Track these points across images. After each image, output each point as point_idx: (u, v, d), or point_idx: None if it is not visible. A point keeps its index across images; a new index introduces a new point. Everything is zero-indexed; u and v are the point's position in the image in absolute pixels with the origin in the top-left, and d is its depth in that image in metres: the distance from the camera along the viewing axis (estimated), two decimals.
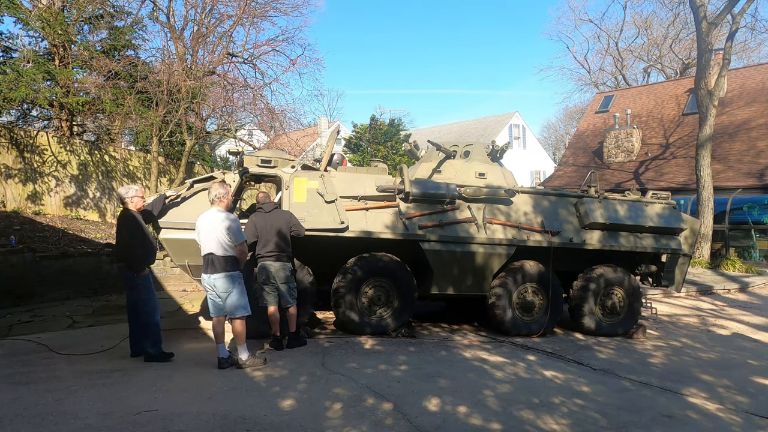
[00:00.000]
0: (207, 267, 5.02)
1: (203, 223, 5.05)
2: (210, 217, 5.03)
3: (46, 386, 4.49)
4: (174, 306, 8.31)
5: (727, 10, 14.59)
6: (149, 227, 5.75)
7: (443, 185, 6.79)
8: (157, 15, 14.68)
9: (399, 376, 5.03)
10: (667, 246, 7.45)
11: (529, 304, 7.06)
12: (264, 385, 4.63)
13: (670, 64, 33.13)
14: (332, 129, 10.96)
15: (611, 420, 4.18)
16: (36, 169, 11.93)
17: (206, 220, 5.04)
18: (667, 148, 21.13)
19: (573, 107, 47.79)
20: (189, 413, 3.95)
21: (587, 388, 4.95)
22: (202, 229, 5.05)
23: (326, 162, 6.91)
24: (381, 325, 6.60)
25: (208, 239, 4.98)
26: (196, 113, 13.80)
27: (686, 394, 4.93)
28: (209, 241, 4.98)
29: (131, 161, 14.55)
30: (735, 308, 9.87)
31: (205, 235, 5.02)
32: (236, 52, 15.08)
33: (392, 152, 21.94)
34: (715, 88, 14.98)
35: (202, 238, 5.06)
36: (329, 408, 4.14)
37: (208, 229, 4.99)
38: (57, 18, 12.16)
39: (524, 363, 5.70)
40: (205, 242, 5.01)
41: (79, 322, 7.14)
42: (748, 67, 22.89)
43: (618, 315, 7.39)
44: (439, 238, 6.57)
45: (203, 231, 5.04)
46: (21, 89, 10.85)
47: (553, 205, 7.25)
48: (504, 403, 4.42)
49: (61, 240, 10.04)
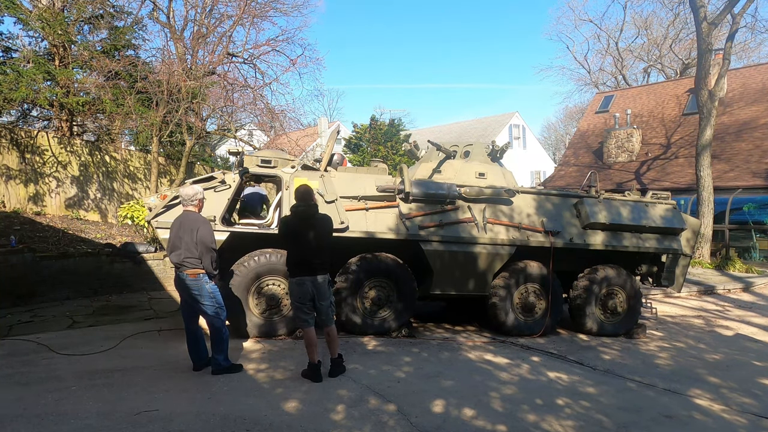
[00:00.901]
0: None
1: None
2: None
3: (46, 386, 4.47)
4: (174, 306, 8.28)
5: (727, 10, 14.59)
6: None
7: (443, 185, 6.77)
8: (157, 15, 14.68)
9: (402, 377, 5.01)
10: (669, 246, 7.43)
11: (530, 305, 7.05)
12: (265, 385, 4.62)
13: (670, 64, 33.15)
14: (332, 129, 10.95)
15: (615, 422, 4.16)
16: (37, 170, 11.92)
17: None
18: (668, 148, 21.11)
19: (573, 107, 47.89)
20: (189, 413, 3.93)
21: (592, 389, 4.94)
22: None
23: (326, 162, 6.89)
24: (383, 326, 6.58)
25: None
26: (196, 113, 13.79)
27: (691, 396, 4.91)
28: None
29: (132, 162, 14.54)
30: (739, 309, 9.85)
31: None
32: (236, 52, 15.07)
33: (392, 152, 21.93)
34: (716, 88, 14.98)
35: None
36: (331, 409, 4.12)
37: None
38: (57, 18, 12.16)
39: (528, 364, 5.68)
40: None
41: (79, 322, 7.12)
42: (749, 67, 22.88)
43: (619, 315, 7.38)
44: (439, 239, 6.55)
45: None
46: (21, 89, 10.84)
47: (554, 206, 7.23)
48: (508, 404, 4.41)
49: (61, 240, 10.02)
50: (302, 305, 4.81)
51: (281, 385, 4.62)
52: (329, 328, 4.91)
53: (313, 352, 4.79)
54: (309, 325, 4.84)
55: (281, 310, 6.27)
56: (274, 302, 6.21)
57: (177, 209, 6.08)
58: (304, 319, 4.85)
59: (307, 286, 4.75)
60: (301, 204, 4.84)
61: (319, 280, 4.77)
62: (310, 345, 4.79)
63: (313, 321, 4.88)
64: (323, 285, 4.80)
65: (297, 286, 4.78)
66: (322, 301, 4.81)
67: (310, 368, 4.79)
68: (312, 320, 4.87)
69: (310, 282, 4.75)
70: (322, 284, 4.79)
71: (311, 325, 4.85)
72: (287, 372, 4.97)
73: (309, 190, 4.93)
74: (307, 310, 4.82)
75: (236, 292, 6.07)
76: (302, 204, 4.84)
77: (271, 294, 6.20)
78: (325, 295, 4.83)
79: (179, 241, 4.71)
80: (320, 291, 4.79)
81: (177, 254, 4.71)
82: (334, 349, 4.95)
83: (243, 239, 6.29)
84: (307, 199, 4.86)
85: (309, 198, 4.88)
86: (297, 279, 4.78)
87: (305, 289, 4.76)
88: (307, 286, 4.75)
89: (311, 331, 4.82)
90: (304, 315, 4.84)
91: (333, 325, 4.94)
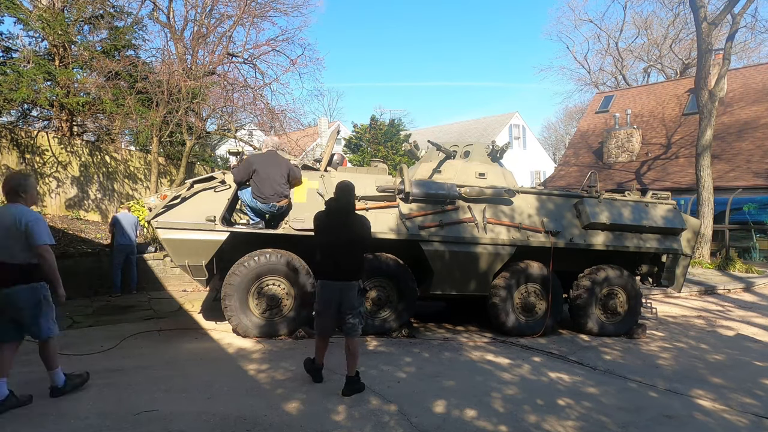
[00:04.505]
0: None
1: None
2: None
3: (46, 386, 4.46)
4: (174, 306, 8.28)
5: (727, 10, 14.58)
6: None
7: (444, 185, 6.77)
8: (157, 15, 14.67)
9: (403, 377, 5.00)
10: (669, 247, 7.42)
11: (530, 305, 7.04)
12: (265, 385, 4.60)
13: (670, 64, 33.15)
14: (332, 129, 10.94)
15: (617, 422, 4.15)
16: (37, 170, 11.91)
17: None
18: (669, 147, 21.11)
19: (573, 107, 47.90)
20: (189, 413, 3.92)
21: (593, 389, 4.93)
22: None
23: (326, 162, 6.89)
24: (384, 327, 6.58)
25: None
26: (196, 113, 13.78)
27: (693, 396, 4.90)
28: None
29: (132, 162, 14.54)
30: (740, 309, 9.84)
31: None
32: (236, 52, 15.06)
33: (392, 152, 21.92)
34: (716, 88, 14.97)
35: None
36: (331, 409, 4.11)
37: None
38: (57, 18, 12.16)
39: (529, 364, 5.67)
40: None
41: (79, 322, 7.11)
42: (749, 67, 22.89)
43: (619, 315, 7.37)
44: (439, 239, 6.55)
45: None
46: (21, 90, 10.83)
47: (554, 206, 7.23)
48: (509, 404, 4.40)
49: (61, 240, 10.00)
50: (325, 310, 4.38)
51: (282, 385, 4.61)
52: (351, 341, 4.37)
53: (321, 354, 4.51)
54: (325, 335, 4.46)
55: (281, 310, 6.26)
56: (274, 302, 6.20)
57: (178, 209, 6.08)
58: (323, 327, 4.44)
59: (334, 291, 4.32)
60: (340, 200, 4.39)
61: (348, 287, 4.31)
62: (318, 350, 4.49)
63: (331, 331, 4.46)
64: (352, 292, 4.34)
65: (323, 290, 4.37)
66: (348, 310, 4.35)
67: (314, 365, 4.54)
68: (331, 330, 4.45)
69: (337, 288, 4.31)
70: (350, 291, 4.33)
71: (328, 334, 4.45)
72: (288, 372, 4.95)
73: (350, 186, 4.45)
74: (329, 319, 4.39)
75: (236, 292, 6.06)
76: (340, 201, 4.39)
77: (272, 294, 6.19)
78: (353, 303, 4.35)
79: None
80: (347, 298, 4.33)
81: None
82: (352, 366, 4.39)
83: (243, 239, 6.29)
84: (346, 196, 4.39)
85: (348, 194, 4.41)
86: (322, 282, 4.38)
87: (330, 294, 4.33)
88: (333, 291, 4.32)
89: (324, 340, 4.46)
90: (324, 322, 4.41)
91: (356, 338, 4.40)
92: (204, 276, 6.25)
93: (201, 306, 8.17)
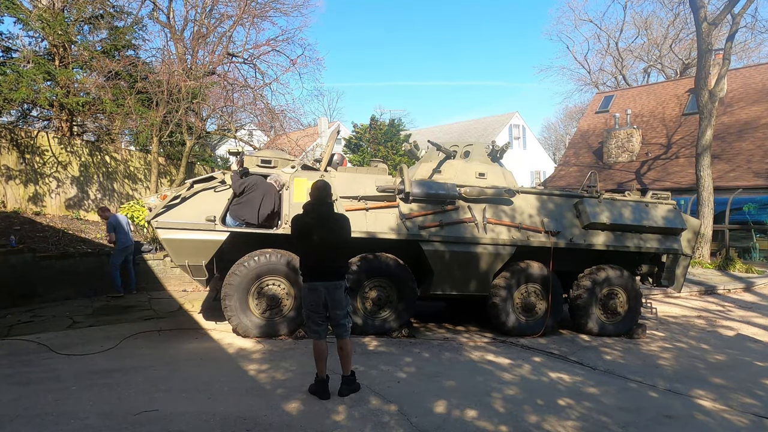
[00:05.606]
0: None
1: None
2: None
3: (46, 386, 4.46)
4: (174, 306, 8.28)
5: (727, 10, 14.57)
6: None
7: (444, 185, 6.77)
8: (157, 15, 14.68)
9: (403, 377, 4.99)
10: (669, 247, 7.42)
11: (530, 305, 7.04)
12: (265, 385, 4.60)
13: (670, 64, 33.15)
14: (332, 129, 10.94)
15: (617, 422, 4.15)
16: (37, 170, 11.91)
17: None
18: (669, 147, 21.11)
19: (573, 107, 47.88)
20: (189, 413, 3.92)
21: (593, 389, 4.92)
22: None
23: (326, 162, 6.89)
24: (384, 327, 6.57)
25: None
26: (196, 113, 13.79)
27: (693, 396, 4.90)
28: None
29: (132, 162, 14.54)
30: (741, 309, 9.83)
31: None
32: (236, 52, 15.07)
33: (392, 152, 21.92)
34: (716, 88, 14.96)
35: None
36: (331, 409, 4.10)
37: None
38: (57, 18, 12.16)
39: (530, 364, 5.67)
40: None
41: (79, 322, 7.11)
42: (749, 67, 22.88)
43: (619, 315, 7.37)
44: (439, 239, 6.54)
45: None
46: (21, 90, 10.83)
47: (554, 206, 7.22)
48: (510, 404, 4.39)
49: (61, 240, 10.01)
50: (314, 314, 4.37)
51: (282, 385, 4.61)
52: (343, 341, 4.41)
53: (321, 365, 4.38)
54: (320, 337, 4.40)
55: (282, 310, 6.26)
56: (274, 302, 6.20)
57: (178, 209, 6.08)
58: (315, 330, 4.40)
59: (320, 292, 4.31)
60: (316, 201, 4.39)
61: (333, 287, 4.32)
62: (319, 358, 4.37)
63: (325, 333, 4.43)
64: (339, 292, 4.34)
65: (309, 293, 4.35)
66: (336, 310, 4.35)
67: (317, 383, 4.37)
68: (324, 332, 4.42)
69: (323, 288, 4.30)
70: (337, 291, 4.33)
71: (323, 337, 4.40)
72: (288, 372, 4.95)
73: (326, 185, 4.45)
74: (319, 320, 4.38)
75: (236, 292, 6.06)
76: (317, 201, 4.38)
77: (272, 294, 6.19)
78: (341, 303, 4.35)
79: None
80: (334, 299, 4.33)
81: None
82: (347, 366, 4.42)
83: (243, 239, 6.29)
84: (323, 196, 4.40)
85: (325, 195, 4.42)
86: (309, 284, 4.35)
87: (318, 296, 4.32)
88: (320, 292, 4.31)
89: (321, 344, 4.38)
90: (316, 325, 4.39)
91: (348, 337, 4.44)
92: (204, 276, 6.26)
93: (201, 306, 8.17)
